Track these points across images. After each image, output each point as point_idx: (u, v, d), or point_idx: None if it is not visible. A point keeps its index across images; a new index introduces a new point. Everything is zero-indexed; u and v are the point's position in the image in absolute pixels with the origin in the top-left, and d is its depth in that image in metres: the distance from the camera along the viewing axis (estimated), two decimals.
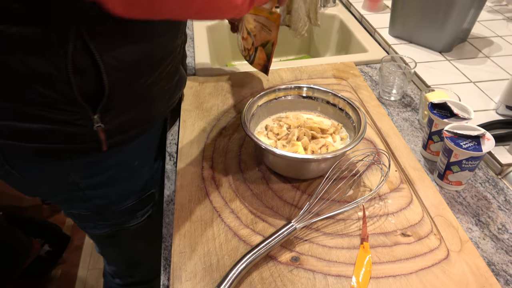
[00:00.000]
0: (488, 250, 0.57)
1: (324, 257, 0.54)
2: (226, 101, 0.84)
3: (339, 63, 0.97)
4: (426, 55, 1.01)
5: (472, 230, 0.60)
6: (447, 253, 0.54)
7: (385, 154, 0.68)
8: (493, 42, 1.07)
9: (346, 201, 0.62)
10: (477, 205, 0.64)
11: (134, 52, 0.54)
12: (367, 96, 0.85)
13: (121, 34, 0.52)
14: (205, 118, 0.79)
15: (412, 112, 0.85)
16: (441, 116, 0.67)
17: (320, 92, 0.72)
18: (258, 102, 0.69)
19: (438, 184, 0.67)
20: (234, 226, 0.58)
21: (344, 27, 1.24)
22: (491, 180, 0.68)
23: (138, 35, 0.54)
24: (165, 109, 0.69)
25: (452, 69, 0.95)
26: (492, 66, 0.96)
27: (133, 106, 0.60)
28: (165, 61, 0.61)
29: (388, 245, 0.55)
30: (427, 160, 0.73)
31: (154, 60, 0.59)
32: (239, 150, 0.71)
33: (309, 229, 0.58)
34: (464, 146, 0.61)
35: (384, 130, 0.76)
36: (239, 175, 0.66)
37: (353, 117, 0.67)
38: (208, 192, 0.63)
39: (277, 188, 0.64)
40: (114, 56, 0.52)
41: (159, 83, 0.63)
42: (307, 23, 1.11)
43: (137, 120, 0.63)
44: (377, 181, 0.66)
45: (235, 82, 0.90)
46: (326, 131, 0.68)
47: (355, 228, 0.58)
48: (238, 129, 0.76)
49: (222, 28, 1.28)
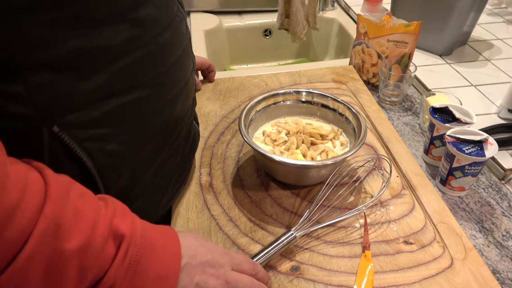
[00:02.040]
0: (492, 257, 0.56)
1: (325, 267, 0.52)
2: (224, 106, 0.83)
3: (338, 67, 0.96)
4: (426, 58, 1.00)
5: (476, 237, 0.59)
6: (451, 261, 0.53)
7: (386, 159, 0.67)
8: (493, 45, 1.06)
9: (347, 208, 0.61)
10: (481, 211, 0.63)
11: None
12: (367, 100, 0.84)
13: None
14: (203, 124, 0.78)
15: (412, 116, 0.84)
16: (443, 120, 0.66)
17: (320, 96, 0.70)
18: (257, 107, 0.68)
19: (440, 189, 0.66)
20: (233, 234, 0.56)
21: (343, 30, 1.23)
22: (494, 185, 0.67)
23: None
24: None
25: (453, 72, 0.94)
26: (493, 69, 0.95)
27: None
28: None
29: (391, 253, 0.54)
30: (428, 165, 0.71)
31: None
32: (237, 156, 0.70)
33: (309, 237, 0.56)
34: (466, 151, 0.59)
35: (384, 135, 0.75)
36: (238, 182, 0.65)
37: (353, 122, 0.66)
38: (206, 199, 0.62)
39: (277, 195, 0.63)
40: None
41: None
42: (305, 27, 1.10)
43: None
44: (378, 187, 0.64)
45: (233, 87, 0.89)
46: (325, 137, 0.67)
47: (356, 235, 0.57)
48: (237, 134, 0.75)
49: (221, 32, 1.27)
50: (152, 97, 0.46)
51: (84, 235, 0.33)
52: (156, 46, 0.44)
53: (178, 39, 0.50)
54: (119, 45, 0.39)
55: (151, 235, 0.38)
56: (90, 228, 0.33)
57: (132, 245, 0.35)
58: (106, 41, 0.38)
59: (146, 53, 0.43)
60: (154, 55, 0.44)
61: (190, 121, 0.60)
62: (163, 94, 0.48)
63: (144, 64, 0.43)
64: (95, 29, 0.37)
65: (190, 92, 0.57)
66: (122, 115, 0.42)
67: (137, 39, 0.41)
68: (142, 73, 0.43)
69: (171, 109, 0.51)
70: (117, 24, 0.38)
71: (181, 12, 0.52)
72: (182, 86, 0.53)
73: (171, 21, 0.47)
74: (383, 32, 0.85)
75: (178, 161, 0.57)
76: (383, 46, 0.86)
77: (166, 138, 0.52)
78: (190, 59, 0.56)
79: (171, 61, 0.48)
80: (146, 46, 0.43)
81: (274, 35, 1.34)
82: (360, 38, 0.91)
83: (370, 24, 0.87)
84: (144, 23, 0.41)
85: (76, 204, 0.34)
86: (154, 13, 0.43)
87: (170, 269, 0.38)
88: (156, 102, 0.47)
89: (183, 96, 0.53)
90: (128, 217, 0.37)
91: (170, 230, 0.42)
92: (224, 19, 1.29)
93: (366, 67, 0.92)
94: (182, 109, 0.55)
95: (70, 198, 0.33)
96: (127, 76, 0.41)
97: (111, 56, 0.39)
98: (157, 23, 0.44)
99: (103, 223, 0.34)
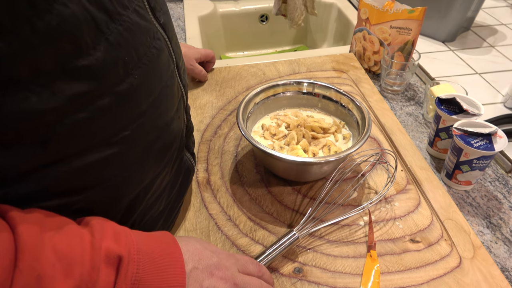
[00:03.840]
0: (501, 255, 0.54)
1: (329, 268, 0.50)
2: (221, 97, 0.79)
3: (338, 54, 0.93)
4: (429, 45, 0.97)
5: (483, 233, 0.57)
6: (460, 260, 0.51)
7: (391, 154, 0.65)
8: (497, 31, 1.03)
9: (350, 205, 0.58)
10: (488, 205, 0.61)
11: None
12: (369, 90, 0.81)
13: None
14: (199, 116, 0.74)
15: (416, 106, 0.81)
16: (450, 112, 0.63)
17: (321, 87, 0.67)
18: (255, 99, 0.65)
19: (446, 183, 0.64)
20: (232, 235, 0.54)
21: (342, 15, 1.19)
22: (501, 178, 0.65)
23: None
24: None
25: (457, 59, 0.91)
26: (497, 56, 0.92)
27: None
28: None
29: (397, 252, 0.52)
30: (433, 158, 0.69)
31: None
32: (235, 150, 0.67)
33: (312, 237, 0.54)
34: (475, 145, 0.57)
35: (388, 126, 0.72)
36: (236, 178, 0.62)
37: (357, 114, 0.63)
38: (204, 197, 0.59)
39: (277, 191, 0.60)
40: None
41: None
42: (303, 12, 1.06)
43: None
44: (382, 181, 0.62)
45: (230, 76, 0.86)
46: (327, 130, 0.64)
47: (361, 234, 0.55)
48: (234, 127, 0.72)
49: (216, 18, 1.22)
50: (116, 156, 0.36)
51: (73, 276, 0.29)
52: (114, 97, 0.34)
53: (152, 78, 0.38)
54: (59, 107, 0.30)
55: (148, 247, 0.35)
56: (78, 264, 0.30)
57: (131, 264, 0.32)
58: (37, 105, 0.28)
59: (98, 109, 0.33)
60: (112, 109, 0.34)
61: (180, 159, 0.50)
62: (129, 151, 0.38)
63: (99, 122, 0.33)
64: (19, 92, 0.28)
65: (173, 136, 0.45)
66: (74, 183, 0.34)
67: (83, 96, 0.31)
68: (98, 132, 0.34)
69: (143, 167, 0.41)
70: (52, 82, 0.29)
71: (160, 40, 0.39)
72: (157, 137, 0.42)
73: (140, 58, 0.36)
74: (386, 18, 0.81)
75: (162, 209, 0.49)
76: (386, 33, 0.83)
77: (140, 195, 0.43)
78: (175, 95, 0.44)
79: (140, 110, 0.37)
80: (97, 101, 0.32)
81: (270, 20, 1.30)
82: (362, 24, 0.87)
83: (372, 9, 0.83)
84: (91, 73, 0.31)
85: (54, 243, 0.29)
86: (108, 57, 0.32)
87: (176, 278, 0.35)
88: (121, 162, 0.38)
89: (161, 144, 0.43)
90: (120, 235, 0.34)
91: (168, 237, 0.39)
92: (219, 4, 1.24)
93: (368, 54, 0.88)
94: (162, 159, 0.44)
95: (45, 239, 0.29)
96: (75, 138, 0.33)
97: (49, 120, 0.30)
98: (115, 68, 0.33)
99: (91, 252, 0.31)
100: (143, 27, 0.36)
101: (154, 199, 0.45)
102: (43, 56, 0.27)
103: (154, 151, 0.42)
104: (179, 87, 0.47)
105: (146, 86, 0.37)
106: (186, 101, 0.51)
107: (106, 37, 0.31)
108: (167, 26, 0.42)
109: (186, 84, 0.50)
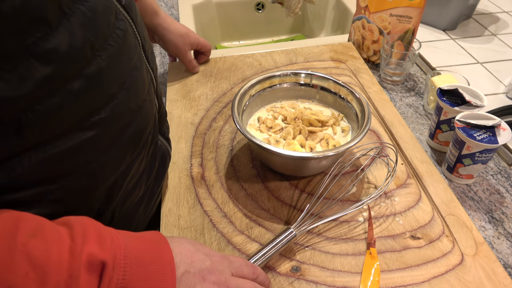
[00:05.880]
0: (503, 250, 0.53)
1: (328, 266, 0.49)
2: (216, 89, 0.77)
3: (336, 44, 0.90)
4: (429, 33, 0.95)
5: (485, 229, 0.55)
6: (461, 257, 0.49)
7: (391, 148, 0.63)
8: (499, 19, 1.00)
9: (349, 200, 0.57)
10: (490, 200, 0.59)
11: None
12: (368, 81, 0.79)
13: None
14: (193, 109, 0.72)
15: (416, 97, 0.79)
16: (451, 103, 0.61)
17: (319, 79, 0.65)
18: (251, 91, 0.62)
19: (447, 177, 0.62)
20: (228, 232, 0.52)
21: (340, 3, 1.16)
22: (504, 171, 0.63)
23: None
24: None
25: (458, 48, 0.89)
26: (499, 45, 0.90)
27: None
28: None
29: (397, 249, 0.50)
30: (434, 151, 0.67)
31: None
32: (231, 144, 0.65)
33: (310, 233, 0.52)
34: (478, 138, 0.55)
35: (387, 118, 0.70)
36: (232, 173, 0.60)
37: (356, 106, 0.61)
38: (198, 193, 0.57)
39: (274, 187, 0.58)
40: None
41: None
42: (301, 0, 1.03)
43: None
44: (381, 175, 0.60)
45: (225, 67, 0.83)
46: (325, 123, 0.62)
47: (360, 230, 0.53)
48: (229, 120, 0.70)
49: (210, 6, 1.19)
50: (91, 141, 0.36)
51: (48, 285, 0.27)
52: (84, 80, 0.33)
53: (120, 60, 0.38)
54: (29, 93, 0.29)
55: (137, 250, 0.33)
56: (54, 272, 0.27)
57: (116, 270, 0.30)
58: (6, 92, 0.28)
59: (69, 93, 0.32)
60: (83, 93, 0.33)
61: (155, 144, 0.50)
62: (103, 135, 0.38)
63: (71, 106, 0.33)
64: None
65: (146, 120, 0.45)
66: (49, 171, 0.33)
67: (52, 80, 0.30)
68: (71, 117, 0.33)
69: (118, 151, 0.40)
70: (18, 65, 0.28)
71: (123, 21, 0.39)
72: (130, 120, 0.41)
73: (105, 39, 0.35)
74: (386, 5, 0.79)
75: (141, 194, 0.48)
76: (385, 21, 0.80)
77: (118, 181, 0.42)
78: (145, 77, 0.44)
79: (111, 92, 0.37)
80: (67, 85, 0.32)
81: (267, 9, 1.27)
82: (360, 12, 0.85)
83: None
84: (58, 55, 0.30)
85: (28, 250, 0.27)
86: (73, 39, 0.31)
87: (166, 284, 0.33)
88: (96, 147, 0.37)
89: (134, 127, 0.42)
90: (105, 238, 0.32)
91: (159, 237, 0.37)
92: None
93: (367, 44, 0.86)
94: (137, 143, 0.43)
95: (18, 245, 0.27)
96: (48, 124, 0.32)
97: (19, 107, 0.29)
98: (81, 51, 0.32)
99: (70, 259, 0.28)
100: (105, 7, 0.35)
101: (132, 185, 0.45)
102: (6, 38, 0.27)
103: (129, 135, 0.41)
104: (148, 70, 0.46)
105: (115, 68, 0.37)
106: (157, 85, 0.50)
107: (68, 17, 0.31)
108: (130, 7, 0.41)
109: (155, 67, 0.50)
